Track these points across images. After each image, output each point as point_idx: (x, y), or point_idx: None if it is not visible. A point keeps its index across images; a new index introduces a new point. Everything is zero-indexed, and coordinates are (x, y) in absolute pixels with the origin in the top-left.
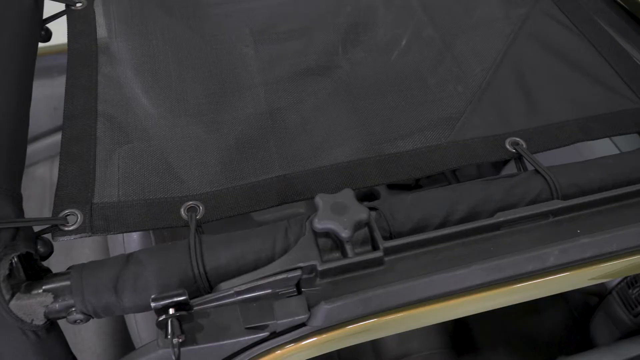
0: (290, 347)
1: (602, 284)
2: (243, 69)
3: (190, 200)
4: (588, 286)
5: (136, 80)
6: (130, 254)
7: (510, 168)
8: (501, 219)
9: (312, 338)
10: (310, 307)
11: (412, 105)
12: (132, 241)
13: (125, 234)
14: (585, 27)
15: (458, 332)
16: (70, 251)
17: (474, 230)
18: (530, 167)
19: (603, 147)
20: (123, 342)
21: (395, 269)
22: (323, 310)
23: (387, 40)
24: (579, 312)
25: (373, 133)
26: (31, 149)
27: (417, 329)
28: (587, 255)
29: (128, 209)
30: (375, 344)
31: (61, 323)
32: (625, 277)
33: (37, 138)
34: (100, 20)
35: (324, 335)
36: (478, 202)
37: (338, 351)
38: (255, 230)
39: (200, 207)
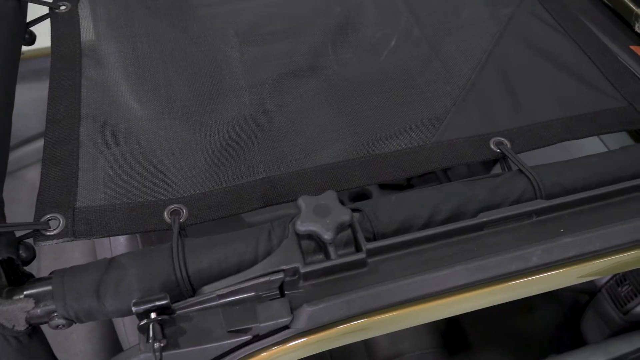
0: (275, 350)
1: (592, 282)
2: (228, 71)
3: (174, 204)
4: (578, 285)
5: (120, 83)
6: (113, 258)
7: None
8: (484, 219)
9: (296, 340)
10: (293, 310)
11: (397, 105)
12: (119, 244)
13: (112, 237)
14: (570, 27)
15: (450, 331)
16: (61, 255)
17: (458, 230)
18: (515, 167)
19: (591, 146)
20: (114, 345)
21: (379, 270)
22: (305, 313)
23: (374, 42)
24: (570, 310)
25: (357, 134)
26: (21, 152)
27: (408, 329)
28: (570, 254)
29: (111, 213)
30: (367, 344)
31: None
32: (615, 275)
33: (27, 141)
34: (84, 23)
35: (308, 338)
36: (462, 203)
37: (330, 351)
38: (238, 233)
39: (184, 210)
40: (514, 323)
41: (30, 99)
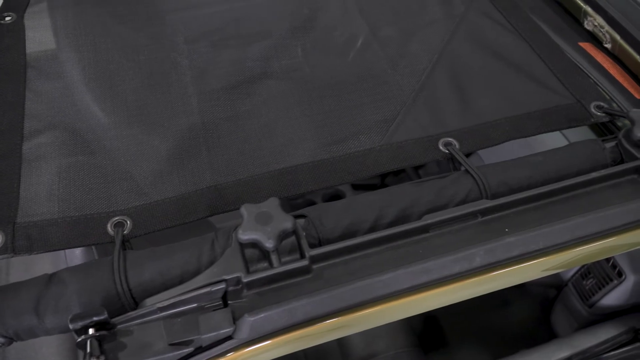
0: None
1: (559, 276)
2: (176, 78)
3: (118, 215)
4: (545, 279)
5: (66, 94)
6: (54, 274)
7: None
8: (428, 222)
9: (240, 350)
10: (235, 320)
11: (347, 109)
12: (75, 257)
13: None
14: (521, 25)
15: (427, 328)
16: (31, 267)
17: (403, 233)
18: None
19: (554, 141)
20: None
21: (324, 276)
22: (247, 323)
23: (325, 46)
24: (540, 304)
25: (306, 139)
26: None
27: (383, 329)
28: (514, 254)
29: (52, 227)
30: (342, 346)
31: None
32: (580, 269)
33: None
34: (31, 34)
35: (253, 348)
36: (407, 205)
37: (304, 352)
38: (182, 243)
39: (128, 222)
40: (491, 318)
41: None
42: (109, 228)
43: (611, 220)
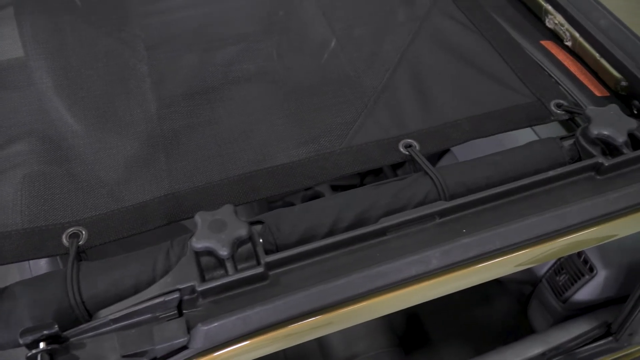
0: None
1: (533, 272)
2: (135, 85)
3: (73, 226)
4: (521, 276)
5: (24, 104)
6: (5, 287)
7: (450, 158)
8: (385, 225)
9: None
10: (190, 329)
11: (309, 112)
12: (40, 268)
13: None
14: (483, 25)
15: (409, 327)
16: (5, 277)
17: (359, 237)
18: None
19: (526, 138)
20: None
21: (280, 282)
22: (201, 332)
23: (284, 50)
24: (518, 301)
25: (265, 144)
26: None
27: (363, 330)
28: (471, 254)
29: (4, 240)
30: (322, 347)
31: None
32: (553, 265)
33: None
34: None
35: (209, 357)
36: (365, 208)
37: (284, 352)
38: (137, 253)
39: (84, 233)
40: (473, 315)
41: None
42: (64, 239)
43: (568, 218)
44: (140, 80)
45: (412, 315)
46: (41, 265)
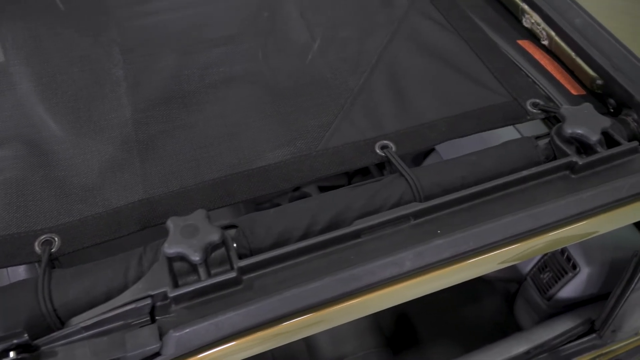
0: None
1: (518, 270)
2: (110, 89)
3: (45, 233)
4: (506, 274)
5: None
6: None
7: (435, 157)
8: (359, 227)
9: None
10: (162, 336)
11: (285, 115)
12: (18, 275)
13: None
14: (460, 25)
15: (398, 327)
16: None
17: (334, 240)
18: None
19: (509, 137)
20: None
21: (254, 287)
22: (173, 338)
23: (265, 54)
24: (504, 299)
25: (242, 148)
26: None
27: (350, 330)
28: (445, 255)
29: None
30: (310, 348)
31: None
32: (537, 262)
33: None
34: None
35: None
36: (339, 211)
37: (272, 353)
38: (109, 259)
39: (56, 240)
40: (462, 314)
41: None
42: (36, 247)
43: (542, 218)
44: (115, 84)
45: (400, 315)
46: (19, 272)
